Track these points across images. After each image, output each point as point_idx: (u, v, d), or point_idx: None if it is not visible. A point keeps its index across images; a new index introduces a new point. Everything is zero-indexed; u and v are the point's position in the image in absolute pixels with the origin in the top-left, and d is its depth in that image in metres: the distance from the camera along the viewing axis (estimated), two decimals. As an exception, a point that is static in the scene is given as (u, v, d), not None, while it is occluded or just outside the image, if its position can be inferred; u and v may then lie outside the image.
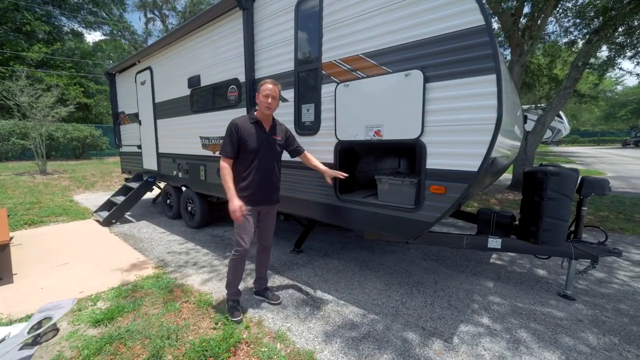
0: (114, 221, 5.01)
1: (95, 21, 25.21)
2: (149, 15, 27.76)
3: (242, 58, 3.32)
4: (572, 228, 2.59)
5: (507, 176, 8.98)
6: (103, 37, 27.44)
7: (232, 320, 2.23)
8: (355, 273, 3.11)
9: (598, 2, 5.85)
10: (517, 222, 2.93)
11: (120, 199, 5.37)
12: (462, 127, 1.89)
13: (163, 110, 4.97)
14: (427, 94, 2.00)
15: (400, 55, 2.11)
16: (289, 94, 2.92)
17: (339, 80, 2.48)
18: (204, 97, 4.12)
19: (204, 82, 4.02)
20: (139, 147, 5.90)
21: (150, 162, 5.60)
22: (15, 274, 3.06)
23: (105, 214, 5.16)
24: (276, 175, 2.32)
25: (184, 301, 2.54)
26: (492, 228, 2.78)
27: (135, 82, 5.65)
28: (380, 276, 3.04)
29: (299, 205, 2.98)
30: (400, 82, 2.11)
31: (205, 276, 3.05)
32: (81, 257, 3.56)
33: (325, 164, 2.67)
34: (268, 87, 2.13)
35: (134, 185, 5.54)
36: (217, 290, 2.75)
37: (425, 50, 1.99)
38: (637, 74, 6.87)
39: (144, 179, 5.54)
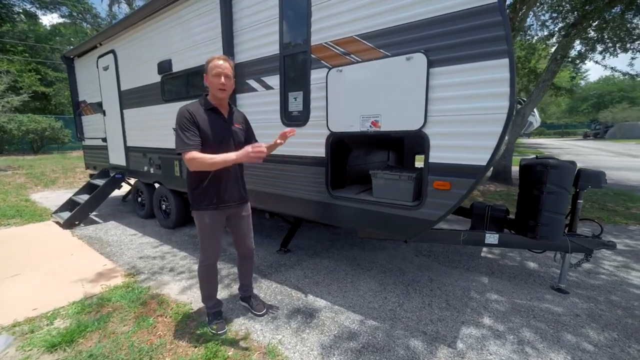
0: (77, 223, 4.51)
1: (51, 1, 22.91)
2: (113, -3, 25.62)
3: (220, 40, 2.98)
4: (567, 221, 2.56)
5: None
6: (61, 20, 25.07)
7: (214, 334, 1.98)
8: (348, 273, 2.94)
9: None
10: (510, 216, 2.88)
11: (83, 197, 4.85)
12: (470, 117, 1.72)
13: (130, 99, 4.49)
14: (431, 80, 1.82)
15: (401, 36, 1.90)
16: (274, 80, 2.64)
17: (331, 65, 2.24)
18: (177, 85, 3.72)
19: (177, 68, 3.62)
20: (104, 140, 5.35)
21: (117, 157, 5.09)
22: (-47, 290, 2.61)
23: (66, 214, 4.64)
24: (239, 170, 1.99)
25: (159, 315, 2.25)
26: (486, 222, 2.70)
27: (97, 67, 5.07)
28: (374, 275, 2.89)
29: (286, 203, 2.74)
30: (401, 67, 1.91)
31: (184, 283, 2.76)
32: (37, 266, 3.13)
33: (315, 159, 2.44)
34: (218, 63, 1.70)
35: (100, 182, 5.03)
36: (198, 298, 2.47)
37: (429, 31, 1.79)
38: (612, 69, 7.14)
39: (111, 175, 5.03)
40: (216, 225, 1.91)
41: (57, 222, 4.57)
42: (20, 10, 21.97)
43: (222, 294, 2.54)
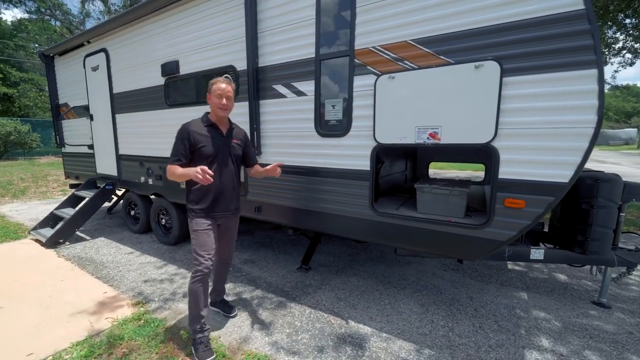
0: (61, 241, 4.00)
1: (16, -5, 21.26)
2: (87, -7, 24.23)
3: (241, 41, 2.73)
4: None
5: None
6: (26, 15, 23.30)
7: None
8: (381, 292, 2.75)
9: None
10: (545, 229, 2.82)
11: (68, 211, 4.34)
12: (550, 130, 1.60)
13: (125, 102, 4.08)
14: (504, 90, 1.68)
15: (468, 43, 1.76)
16: (308, 86, 2.43)
17: (380, 71, 2.06)
18: (185, 89, 3.40)
19: (185, 70, 3.30)
20: (90, 147, 4.85)
21: (106, 166, 4.61)
22: None
23: (48, 231, 4.12)
24: (236, 182, 2.12)
25: (187, 355, 1.94)
26: (522, 236, 2.61)
27: (84, 67, 4.60)
28: (411, 295, 2.71)
29: (319, 220, 2.51)
30: (467, 75, 1.77)
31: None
32: (21, 295, 2.68)
33: (357, 172, 2.25)
34: (221, 86, 1.95)
35: (86, 193, 4.53)
36: (227, 331, 2.19)
37: (504, 37, 1.66)
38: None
39: (100, 186, 4.55)
40: (209, 232, 1.98)
41: (38, 240, 4.04)
42: (-21, 4, 20.21)
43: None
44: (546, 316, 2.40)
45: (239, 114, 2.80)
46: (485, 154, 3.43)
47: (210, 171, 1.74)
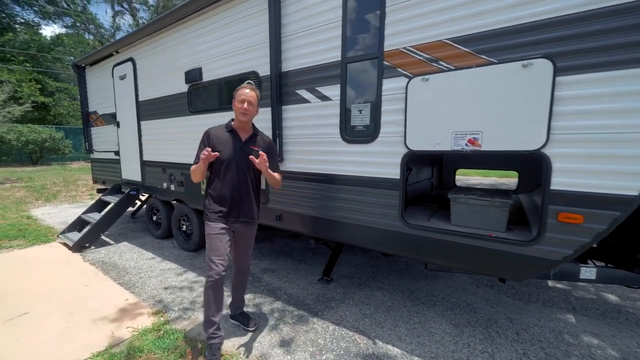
0: (87, 245, 4.09)
1: (55, 11, 22.86)
2: (117, 8, 25.72)
3: (264, 46, 2.68)
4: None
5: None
6: (64, 30, 24.96)
7: None
8: (409, 309, 2.56)
9: None
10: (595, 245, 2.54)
11: (94, 216, 4.44)
12: (616, 135, 1.40)
13: (150, 110, 4.15)
14: (557, 91, 1.50)
15: (514, 40, 1.60)
16: (333, 90, 2.32)
17: (412, 73, 1.93)
18: (207, 95, 3.40)
19: (208, 77, 3.30)
20: (117, 153, 4.98)
21: (131, 172, 4.71)
22: (-50, 336, 2.18)
23: (75, 235, 4.23)
24: (252, 189, 2.06)
25: (206, 371, 1.85)
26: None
27: (113, 76, 4.75)
28: (441, 313, 2.51)
29: (346, 231, 2.38)
30: (513, 75, 1.60)
31: (224, 324, 2.35)
32: (47, 300, 2.71)
33: (385, 181, 2.11)
34: (244, 92, 1.95)
35: (112, 199, 4.64)
36: (248, 346, 2.08)
37: (558, 32, 1.48)
38: None
39: (124, 191, 4.65)
40: (223, 237, 1.95)
41: (65, 244, 4.15)
42: (23, 20, 21.86)
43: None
44: (600, 344, 2.13)
45: (262, 120, 2.73)
46: (527, 162, 3.18)
47: (214, 154, 1.81)
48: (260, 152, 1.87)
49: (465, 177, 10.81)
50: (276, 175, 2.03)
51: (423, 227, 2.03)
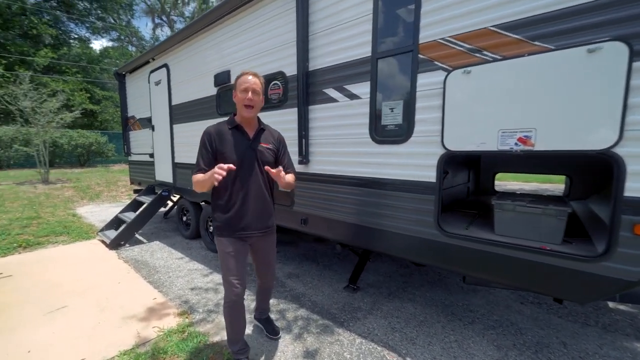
0: (122, 243, 4.27)
1: (103, 27, 24.98)
2: (157, 21, 27.58)
3: (290, 46, 2.63)
4: None
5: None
6: (110, 43, 27.19)
7: None
8: (444, 326, 2.34)
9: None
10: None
11: (129, 215, 4.65)
12: None
13: (181, 113, 4.28)
14: (634, 79, 1.26)
15: (576, 22, 1.38)
16: (362, 88, 2.20)
17: (452, 65, 1.75)
18: (235, 97, 3.41)
19: (236, 79, 3.31)
20: (151, 155, 5.20)
21: (164, 173, 4.89)
22: (-3, 325, 2.33)
23: (112, 233, 4.44)
24: (266, 194, 1.79)
25: (228, 380, 1.79)
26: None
27: (149, 82, 4.98)
28: (481, 332, 2.26)
29: (376, 238, 2.23)
30: (575, 62, 1.38)
31: (247, 329, 2.29)
32: (84, 295, 2.83)
33: (419, 184, 1.93)
34: (247, 79, 1.65)
35: (146, 199, 4.84)
36: (271, 355, 2.00)
37: (633, 9, 1.25)
38: None
39: (157, 192, 4.83)
40: (237, 255, 1.73)
41: (103, 241, 4.37)
42: (76, 36, 24.11)
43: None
44: (683, 383, 1.78)
45: (288, 121, 2.68)
46: (581, 165, 2.84)
47: (229, 166, 1.48)
48: (279, 168, 1.61)
49: (502, 183, 10.09)
50: (290, 178, 1.74)
51: (462, 236, 1.83)
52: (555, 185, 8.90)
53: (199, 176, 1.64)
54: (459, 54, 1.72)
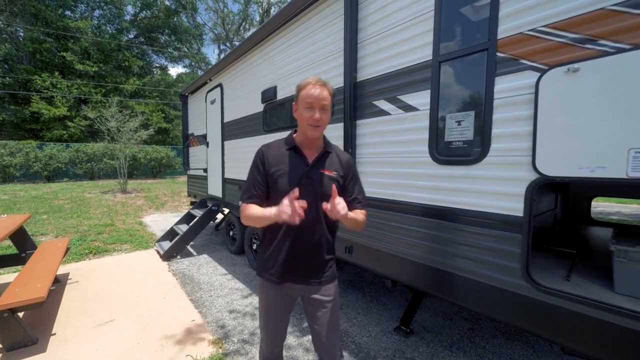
0: (175, 255, 4.44)
1: (178, 55, 28.57)
2: (222, 47, 30.58)
3: (337, 57, 2.41)
4: None
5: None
6: (183, 70, 30.91)
7: None
8: (532, 404, 1.76)
9: None
10: None
11: (182, 227, 4.85)
12: None
13: (231, 130, 4.37)
14: None
15: None
16: (420, 98, 1.85)
17: (547, 63, 1.32)
18: (281, 113, 3.32)
19: (281, 95, 3.23)
20: (205, 170, 5.44)
21: (215, 188, 5.04)
22: (54, 334, 2.45)
23: (167, 244, 4.66)
24: (324, 234, 1.35)
25: None
26: None
27: (206, 101, 5.28)
28: None
29: (436, 280, 1.80)
30: None
31: None
32: (131, 309, 2.89)
33: (499, 218, 1.48)
34: (313, 92, 1.22)
35: (198, 212, 5.02)
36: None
37: None
38: None
39: (208, 206, 4.98)
40: (276, 305, 1.40)
41: (158, 252, 4.60)
42: (158, 65, 27.97)
43: None
44: None
45: (333, 138, 2.43)
46: None
47: (301, 203, 1.09)
48: (335, 201, 1.14)
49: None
50: (359, 216, 1.32)
51: (565, 294, 1.32)
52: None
53: (252, 208, 1.27)
54: (560, 47, 1.29)
